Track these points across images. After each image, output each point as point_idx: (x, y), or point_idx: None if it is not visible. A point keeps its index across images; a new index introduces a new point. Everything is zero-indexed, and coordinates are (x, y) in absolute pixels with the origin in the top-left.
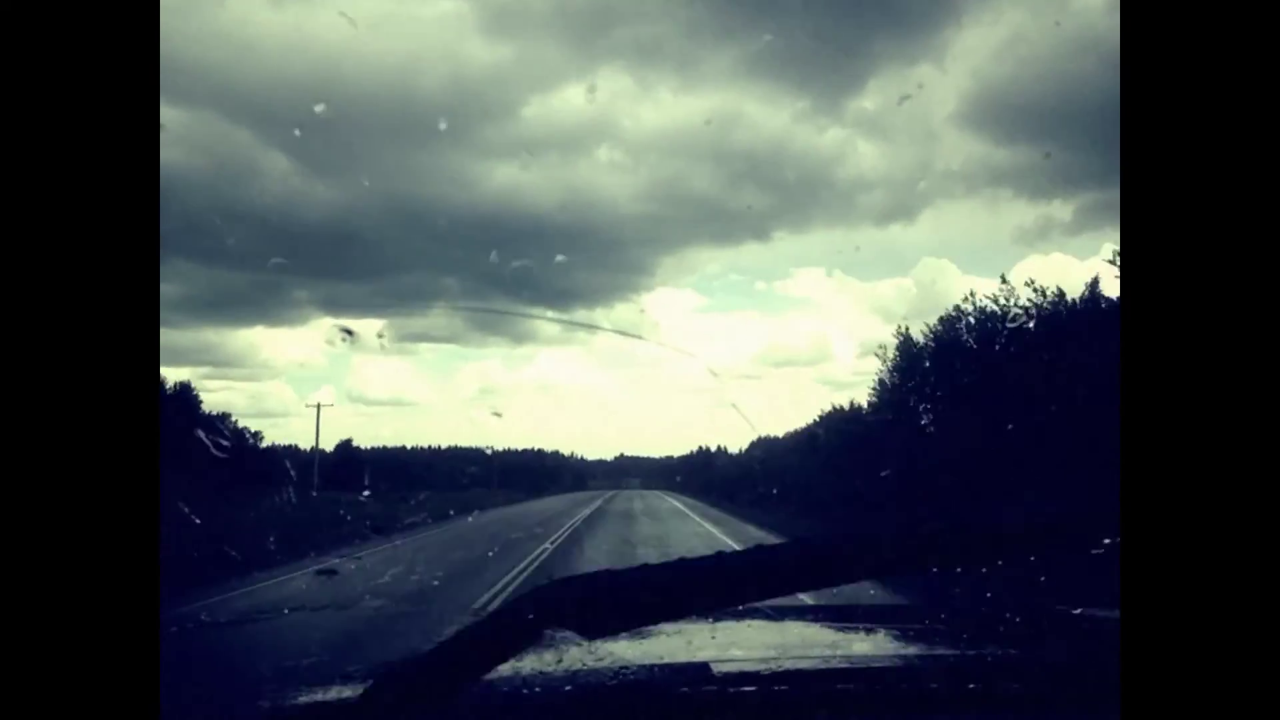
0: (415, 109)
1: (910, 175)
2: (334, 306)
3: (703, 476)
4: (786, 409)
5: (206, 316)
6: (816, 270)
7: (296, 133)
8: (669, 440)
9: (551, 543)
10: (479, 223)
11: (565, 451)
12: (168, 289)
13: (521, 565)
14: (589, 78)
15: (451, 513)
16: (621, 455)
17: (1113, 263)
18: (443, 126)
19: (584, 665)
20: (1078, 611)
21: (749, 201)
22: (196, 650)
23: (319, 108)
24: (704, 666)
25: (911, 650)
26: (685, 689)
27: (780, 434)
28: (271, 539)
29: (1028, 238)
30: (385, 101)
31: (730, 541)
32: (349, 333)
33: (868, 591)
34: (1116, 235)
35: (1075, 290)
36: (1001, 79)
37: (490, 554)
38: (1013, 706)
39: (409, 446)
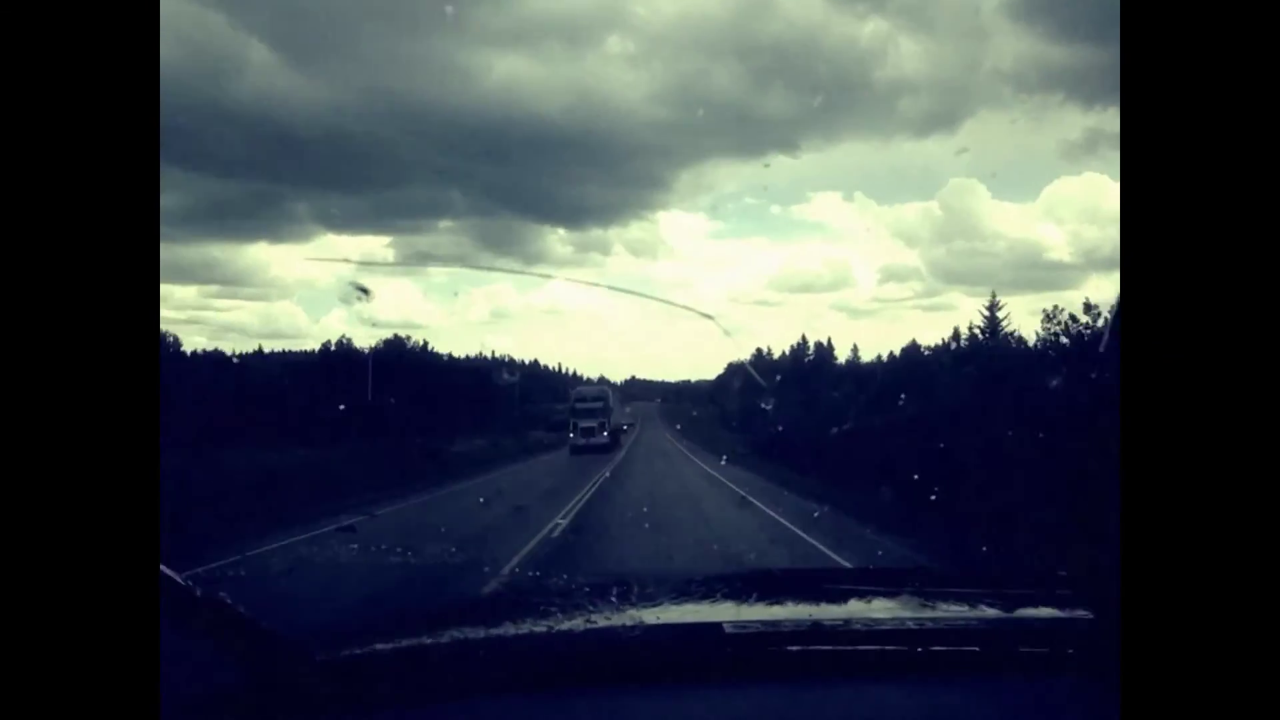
0: None
1: (955, 76)
2: (336, 222)
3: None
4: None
5: (208, 230)
6: (834, 194)
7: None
8: (682, 365)
9: None
10: (482, 129)
11: (572, 370)
12: (166, 199)
13: None
14: None
15: None
16: (632, 378)
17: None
18: (449, 10)
19: (598, 624)
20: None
21: (776, 104)
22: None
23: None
24: (717, 627)
25: (923, 614)
26: (695, 647)
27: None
28: None
29: (1074, 152)
30: None
31: None
32: (364, 291)
33: (885, 550)
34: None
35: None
36: None
37: None
38: (1020, 667)
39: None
